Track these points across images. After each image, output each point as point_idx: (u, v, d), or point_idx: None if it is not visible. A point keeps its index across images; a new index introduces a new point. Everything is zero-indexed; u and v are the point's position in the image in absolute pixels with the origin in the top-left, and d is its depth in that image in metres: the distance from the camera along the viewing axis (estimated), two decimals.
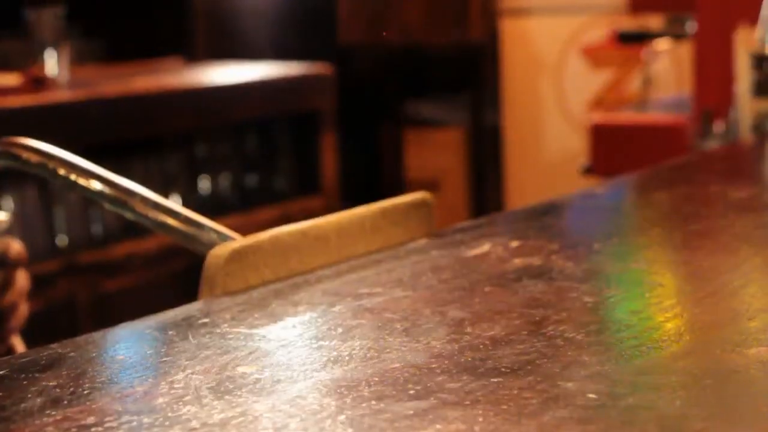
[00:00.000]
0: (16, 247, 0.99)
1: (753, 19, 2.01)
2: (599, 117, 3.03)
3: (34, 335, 1.01)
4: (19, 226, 2.32)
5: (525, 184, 3.78)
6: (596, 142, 2.84)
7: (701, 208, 1.09)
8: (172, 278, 2.46)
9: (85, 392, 0.61)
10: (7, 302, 0.98)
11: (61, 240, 2.40)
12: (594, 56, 3.75)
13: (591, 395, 0.57)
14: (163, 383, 0.61)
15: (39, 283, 2.26)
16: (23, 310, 1.00)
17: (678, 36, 2.89)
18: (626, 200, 1.22)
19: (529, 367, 0.63)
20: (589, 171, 2.75)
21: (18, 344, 0.99)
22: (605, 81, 3.76)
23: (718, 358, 0.63)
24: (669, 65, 3.51)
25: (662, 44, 3.12)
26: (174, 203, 0.94)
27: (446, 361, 0.65)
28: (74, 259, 2.37)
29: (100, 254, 2.42)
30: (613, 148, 2.80)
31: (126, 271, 2.46)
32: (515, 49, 3.95)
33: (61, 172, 0.97)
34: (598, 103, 3.68)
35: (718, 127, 2.32)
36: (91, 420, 0.57)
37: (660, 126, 2.82)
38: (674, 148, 2.50)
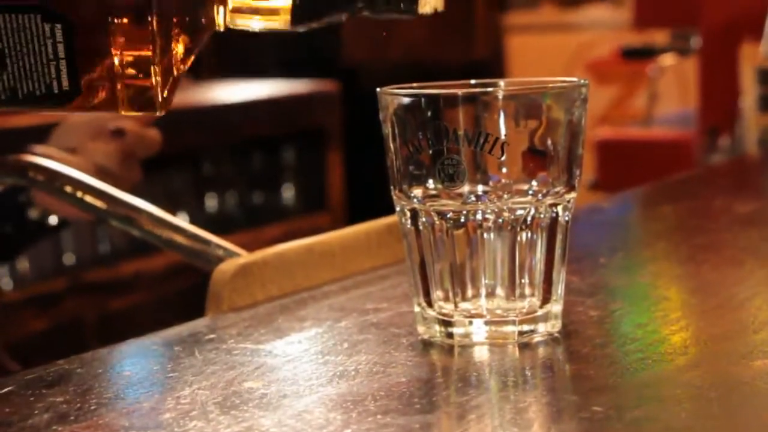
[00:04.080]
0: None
1: (757, 34, 2.01)
2: (605, 133, 3.04)
3: (41, 353, 1.01)
4: None
5: None
6: (602, 157, 2.84)
7: (707, 221, 1.09)
8: (178, 296, 2.46)
9: (92, 408, 0.61)
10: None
11: (68, 258, 2.40)
12: (599, 72, 3.76)
13: (596, 408, 0.57)
14: (169, 399, 0.62)
15: (46, 302, 2.26)
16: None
17: (683, 51, 2.89)
18: (632, 214, 1.22)
19: (534, 381, 0.63)
20: (596, 186, 2.76)
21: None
22: (611, 97, 3.76)
23: (724, 371, 0.63)
24: (674, 81, 3.51)
25: (667, 60, 3.13)
26: (180, 220, 0.95)
27: (452, 376, 0.65)
28: (81, 278, 2.37)
29: (107, 273, 2.42)
30: (620, 164, 2.80)
31: (133, 289, 2.46)
32: (521, 65, 3.95)
33: (68, 189, 0.97)
34: (604, 118, 3.68)
35: (724, 141, 2.32)
36: None
37: (666, 141, 2.82)
38: (680, 163, 2.50)
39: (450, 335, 0.68)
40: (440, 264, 0.68)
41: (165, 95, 0.64)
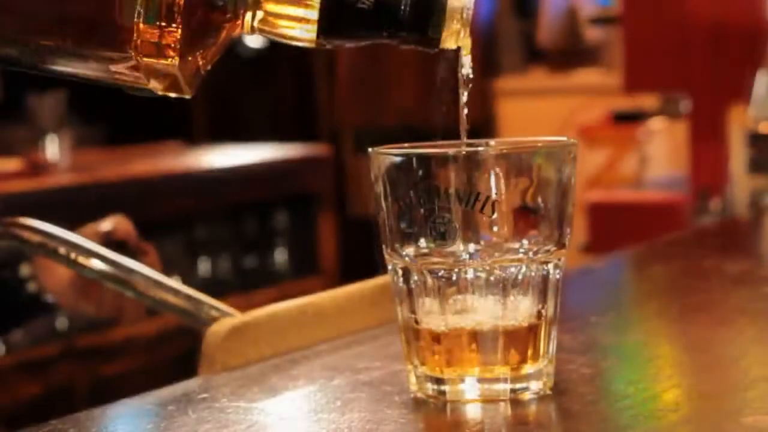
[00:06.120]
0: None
1: (745, 97, 2.03)
2: (597, 195, 3.05)
3: (33, 419, 1.01)
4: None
5: None
6: (594, 219, 2.85)
7: (697, 282, 1.10)
8: (171, 362, 2.45)
9: None
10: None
11: (61, 323, 2.40)
12: (590, 136, 3.78)
13: None
14: None
15: (38, 367, 2.25)
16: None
17: (673, 115, 2.91)
18: (623, 275, 1.22)
19: None
20: (588, 248, 2.76)
21: None
22: (602, 160, 3.79)
23: (715, 427, 0.64)
24: (664, 144, 3.54)
25: (657, 123, 3.15)
26: (173, 281, 0.95)
27: None
28: (73, 343, 2.37)
29: (99, 338, 2.42)
30: (611, 226, 2.81)
31: (125, 354, 2.45)
32: (512, 130, 3.98)
33: (62, 251, 0.98)
34: (596, 182, 3.70)
35: (714, 204, 2.33)
36: None
37: (656, 204, 2.84)
38: (671, 226, 2.51)
39: (442, 393, 0.69)
40: (431, 320, 0.69)
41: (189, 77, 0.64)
